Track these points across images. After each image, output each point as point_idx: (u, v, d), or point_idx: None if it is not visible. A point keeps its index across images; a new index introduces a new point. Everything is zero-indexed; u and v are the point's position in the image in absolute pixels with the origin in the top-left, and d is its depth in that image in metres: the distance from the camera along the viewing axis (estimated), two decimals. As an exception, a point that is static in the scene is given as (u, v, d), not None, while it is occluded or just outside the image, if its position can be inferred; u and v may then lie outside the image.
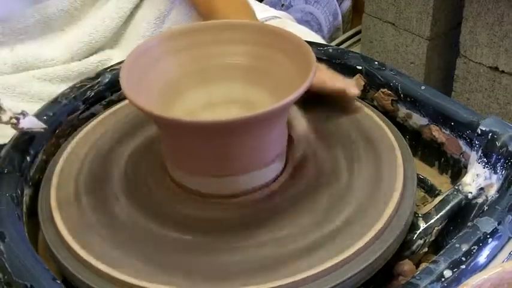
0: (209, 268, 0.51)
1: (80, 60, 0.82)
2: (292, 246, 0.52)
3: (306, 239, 0.53)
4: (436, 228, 0.58)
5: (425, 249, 0.58)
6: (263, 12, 0.89)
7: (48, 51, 0.81)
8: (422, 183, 0.67)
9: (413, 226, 0.58)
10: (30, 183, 0.62)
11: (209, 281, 0.50)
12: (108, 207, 0.57)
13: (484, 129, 0.60)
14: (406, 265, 0.56)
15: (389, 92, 0.68)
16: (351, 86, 0.65)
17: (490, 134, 0.59)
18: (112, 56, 0.85)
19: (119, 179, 0.60)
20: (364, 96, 0.71)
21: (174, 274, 0.50)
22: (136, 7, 0.88)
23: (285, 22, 0.89)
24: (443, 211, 0.59)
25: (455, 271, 0.49)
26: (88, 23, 0.83)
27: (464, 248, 0.50)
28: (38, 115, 0.65)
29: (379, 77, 0.69)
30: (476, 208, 0.59)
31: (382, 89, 0.69)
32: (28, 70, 0.80)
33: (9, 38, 0.80)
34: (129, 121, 0.67)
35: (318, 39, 0.86)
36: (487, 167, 0.60)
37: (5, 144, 0.62)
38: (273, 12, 0.90)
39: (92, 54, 0.84)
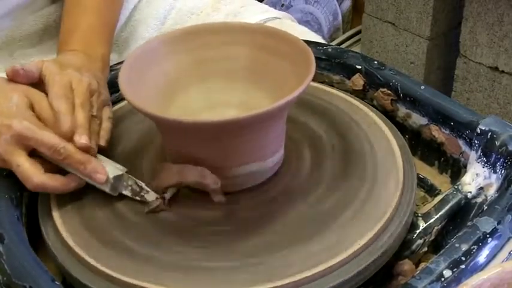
0: (209, 269, 0.51)
1: None
2: (290, 246, 0.52)
3: (305, 239, 0.53)
4: (436, 227, 0.58)
5: (425, 249, 0.58)
6: (263, 13, 0.89)
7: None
8: (422, 182, 0.67)
9: (413, 226, 0.57)
10: (30, 184, 0.61)
11: (209, 281, 0.50)
12: (108, 207, 0.57)
13: (483, 128, 0.60)
14: (406, 265, 0.56)
15: (389, 91, 0.68)
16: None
17: (490, 134, 0.59)
18: (112, 58, 0.85)
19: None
20: (363, 96, 0.71)
21: (174, 274, 0.50)
22: (135, 9, 0.87)
23: (285, 22, 0.89)
24: (443, 211, 0.59)
25: (455, 271, 0.49)
26: None
27: (464, 247, 0.50)
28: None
29: (379, 77, 0.69)
30: (476, 208, 0.59)
31: (381, 89, 0.69)
32: None
33: (9, 45, 0.80)
34: (128, 121, 0.67)
35: (317, 39, 0.86)
36: (486, 166, 0.59)
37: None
38: (273, 13, 0.90)
39: None
